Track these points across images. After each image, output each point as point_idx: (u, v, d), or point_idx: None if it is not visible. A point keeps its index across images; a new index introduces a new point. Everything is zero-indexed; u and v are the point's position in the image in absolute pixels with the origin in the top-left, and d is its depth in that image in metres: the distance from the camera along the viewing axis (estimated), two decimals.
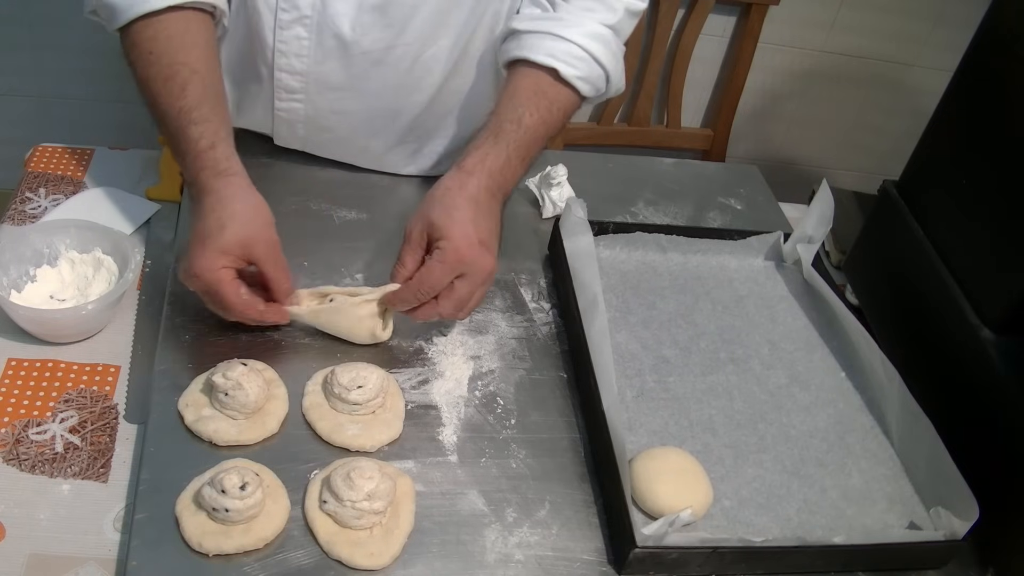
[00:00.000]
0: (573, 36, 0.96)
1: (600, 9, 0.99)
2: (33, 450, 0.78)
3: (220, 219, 0.82)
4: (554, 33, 0.96)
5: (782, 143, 2.38)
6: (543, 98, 0.96)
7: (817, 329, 1.02)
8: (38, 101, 2.04)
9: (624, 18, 1.01)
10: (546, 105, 0.95)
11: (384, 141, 1.11)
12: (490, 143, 0.91)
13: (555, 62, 0.96)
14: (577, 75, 0.97)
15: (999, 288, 0.86)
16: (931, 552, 0.81)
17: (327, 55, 1.00)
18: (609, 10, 0.99)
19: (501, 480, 0.81)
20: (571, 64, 0.96)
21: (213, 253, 0.81)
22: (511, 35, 1.00)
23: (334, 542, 0.72)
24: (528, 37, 0.98)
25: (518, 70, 0.98)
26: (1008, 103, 0.88)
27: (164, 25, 0.88)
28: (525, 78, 0.97)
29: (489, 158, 0.89)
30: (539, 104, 0.95)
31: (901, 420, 0.90)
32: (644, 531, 0.73)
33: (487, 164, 0.89)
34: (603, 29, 0.98)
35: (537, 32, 0.97)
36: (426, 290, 0.84)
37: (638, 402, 0.90)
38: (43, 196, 1.05)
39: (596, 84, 1.00)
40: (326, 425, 0.81)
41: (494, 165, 0.89)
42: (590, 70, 0.98)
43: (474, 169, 0.88)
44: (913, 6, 2.14)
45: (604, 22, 0.99)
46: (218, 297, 0.82)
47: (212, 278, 0.81)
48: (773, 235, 1.10)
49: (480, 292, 0.86)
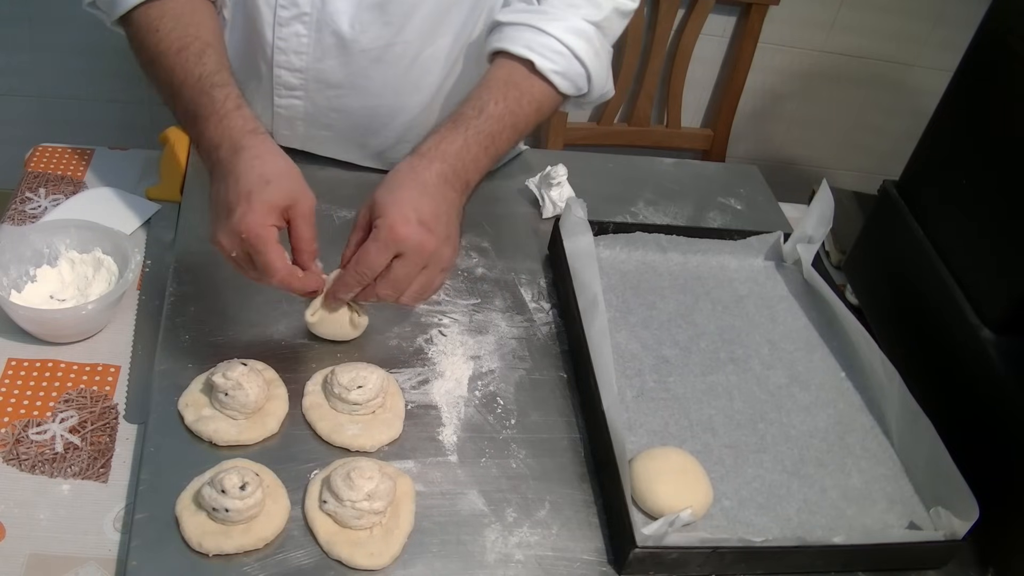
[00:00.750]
0: (553, 30, 0.95)
1: (584, 5, 0.97)
2: (33, 450, 0.78)
3: (264, 175, 0.78)
4: (534, 26, 0.95)
5: (782, 143, 2.38)
6: (513, 88, 0.94)
7: (817, 329, 1.02)
8: (38, 101, 2.04)
9: (611, 16, 0.99)
10: (515, 96, 0.93)
11: (383, 139, 1.11)
12: (448, 128, 0.88)
13: (531, 54, 0.94)
14: (554, 69, 0.95)
15: (999, 288, 0.86)
16: (931, 552, 0.81)
17: (326, 52, 1.00)
18: (594, 6, 0.98)
19: (501, 480, 0.81)
20: (548, 57, 0.95)
21: (262, 208, 0.77)
22: (495, 27, 0.99)
23: (334, 542, 0.72)
24: (509, 29, 0.97)
25: (495, 61, 0.97)
26: (1008, 103, 0.88)
27: (169, 6, 0.88)
28: (499, 69, 0.96)
29: (444, 142, 0.87)
30: (507, 94, 0.93)
31: (901, 420, 0.90)
32: (644, 531, 0.73)
33: (441, 148, 0.86)
34: (586, 26, 0.97)
35: (518, 24, 0.96)
36: (363, 271, 0.80)
37: (638, 402, 0.90)
38: (43, 196, 1.05)
39: (576, 81, 0.98)
40: (326, 425, 0.81)
41: (449, 149, 0.86)
42: (568, 66, 0.96)
43: (427, 152, 0.86)
44: (913, 6, 2.14)
45: (588, 18, 0.97)
46: (264, 258, 0.77)
47: (262, 235, 0.77)
48: (773, 235, 1.10)
49: (427, 277, 0.82)
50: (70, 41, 1.94)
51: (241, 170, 0.79)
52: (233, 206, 0.77)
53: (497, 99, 0.92)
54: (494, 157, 0.92)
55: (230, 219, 0.77)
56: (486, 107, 0.91)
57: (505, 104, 0.92)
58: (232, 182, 0.79)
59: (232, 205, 0.78)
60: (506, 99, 0.92)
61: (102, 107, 2.04)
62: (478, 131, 0.89)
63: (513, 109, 0.93)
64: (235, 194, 0.78)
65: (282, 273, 0.79)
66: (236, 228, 0.77)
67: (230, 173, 0.79)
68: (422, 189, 0.82)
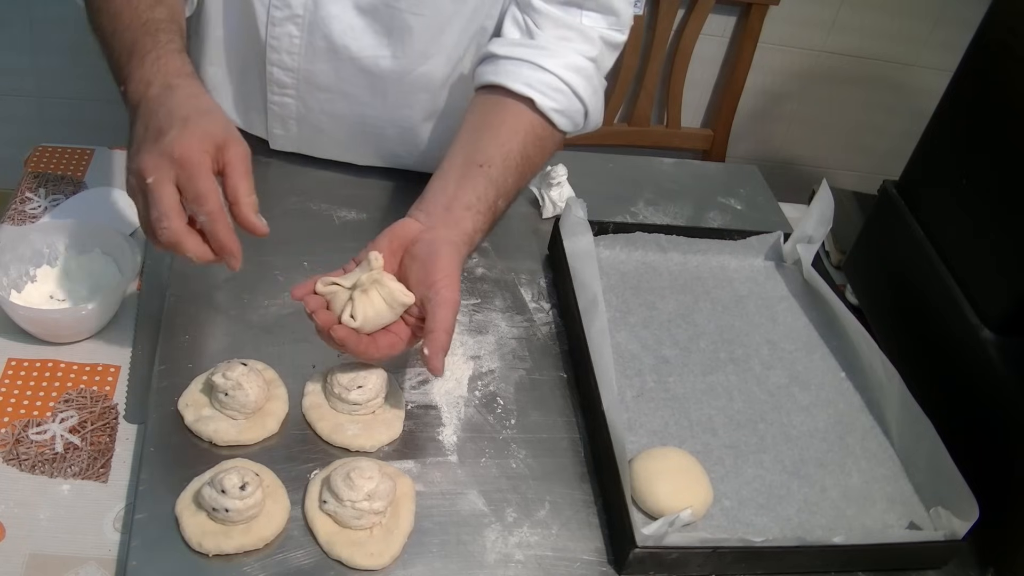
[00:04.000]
0: (552, 67, 0.93)
1: (576, 38, 0.96)
2: (33, 450, 0.78)
3: (200, 107, 0.74)
4: (533, 62, 0.93)
5: (782, 143, 2.38)
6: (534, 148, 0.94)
7: (817, 329, 1.02)
8: (38, 101, 2.04)
9: (604, 51, 0.98)
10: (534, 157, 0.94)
11: (376, 147, 1.10)
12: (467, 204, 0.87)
13: (531, 91, 0.92)
14: (554, 107, 0.93)
15: (999, 288, 0.86)
16: (931, 552, 0.81)
17: (317, 55, 1.00)
18: (586, 40, 0.96)
19: (501, 480, 0.81)
20: (548, 96, 0.93)
21: (199, 132, 0.72)
22: (488, 58, 0.96)
23: (334, 542, 0.72)
24: (506, 63, 0.94)
25: (497, 99, 0.94)
26: (1008, 103, 0.88)
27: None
28: (512, 115, 0.94)
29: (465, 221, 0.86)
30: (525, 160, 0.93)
31: (901, 420, 0.90)
32: (644, 531, 0.73)
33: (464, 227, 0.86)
34: (585, 62, 0.95)
35: (515, 59, 0.94)
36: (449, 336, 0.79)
37: (638, 402, 0.90)
38: (43, 196, 1.05)
39: (574, 119, 0.96)
40: (326, 425, 0.81)
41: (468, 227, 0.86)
42: (568, 103, 0.95)
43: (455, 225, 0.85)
44: (913, 6, 2.14)
45: (585, 54, 0.96)
46: (197, 184, 0.71)
47: (195, 160, 0.71)
48: (773, 235, 1.10)
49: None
50: (70, 41, 1.94)
51: (176, 102, 0.74)
52: (165, 129, 0.72)
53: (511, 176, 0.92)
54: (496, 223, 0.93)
55: (160, 141, 0.71)
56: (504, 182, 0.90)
57: (518, 176, 0.93)
58: (164, 112, 0.74)
59: (164, 128, 0.72)
60: (522, 168, 0.93)
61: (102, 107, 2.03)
62: (494, 210, 0.90)
63: (527, 172, 0.94)
64: (168, 121, 0.73)
65: (216, 204, 0.72)
66: (168, 149, 0.71)
67: (162, 105, 0.75)
68: (459, 262, 0.83)
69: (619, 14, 0.98)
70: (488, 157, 0.90)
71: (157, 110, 0.74)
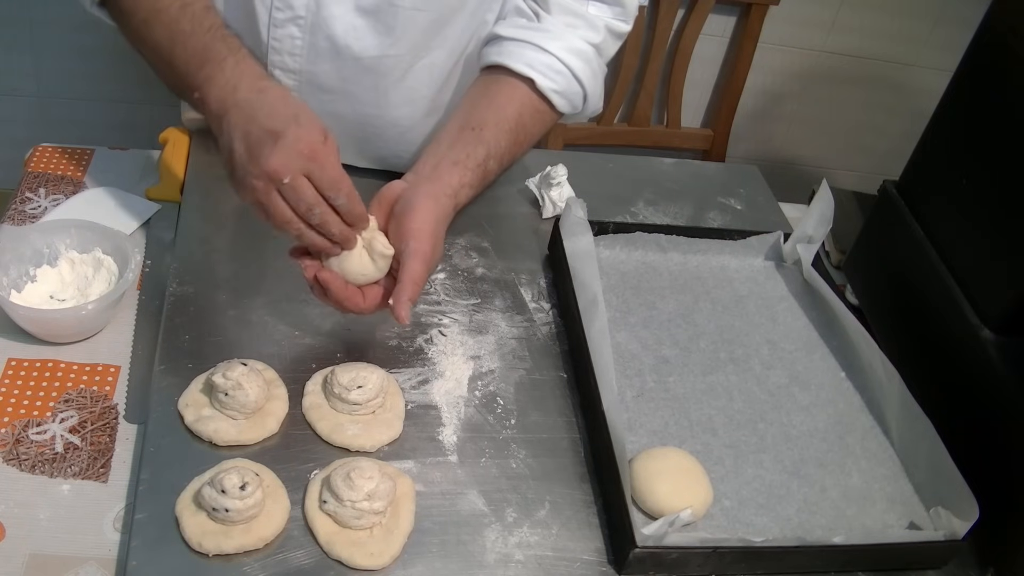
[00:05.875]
0: (554, 49, 0.96)
1: (581, 26, 0.98)
2: (33, 450, 0.78)
3: (298, 104, 0.77)
4: (535, 44, 0.96)
5: (782, 143, 2.38)
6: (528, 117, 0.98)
7: (817, 329, 1.03)
8: (38, 101, 2.04)
9: (607, 38, 1.01)
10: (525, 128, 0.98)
11: (377, 148, 1.10)
12: (453, 160, 0.92)
13: (532, 72, 0.95)
14: (553, 88, 0.96)
15: (999, 288, 0.86)
16: (931, 552, 0.81)
17: (319, 56, 1.00)
18: (591, 28, 0.99)
19: (501, 480, 0.81)
20: (548, 76, 0.96)
21: (314, 125, 0.75)
22: (492, 39, 0.99)
23: (334, 542, 0.72)
24: (509, 44, 0.97)
25: (495, 76, 0.98)
26: (1008, 103, 0.88)
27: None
28: (508, 88, 0.97)
29: (452, 175, 0.91)
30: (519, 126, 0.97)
31: (901, 420, 0.90)
32: (644, 531, 0.73)
33: (450, 181, 0.91)
34: (586, 47, 0.98)
35: (518, 40, 0.97)
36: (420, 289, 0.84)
37: (638, 402, 0.90)
38: (43, 196, 1.05)
39: (572, 100, 0.99)
40: (326, 425, 0.81)
41: (453, 181, 0.91)
42: (567, 85, 0.98)
43: (438, 179, 0.90)
44: (913, 6, 2.14)
45: (588, 40, 0.98)
46: (330, 172, 0.75)
47: (323, 151, 0.74)
48: (773, 235, 1.10)
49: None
50: (70, 41, 1.94)
51: (272, 103, 0.77)
52: (280, 129, 0.74)
53: (503, 138, 0.96)
54: (487, 184, 0.98)
55: (280, 141, 0.74)
56: (496, 143, 0.95)
57: (512, 141, 0.96)
58: (265, 115, 0.76)
59: (278, 129, 0.74)
60: (516, 133, 0.96)
61: (102, 107, 2.03)
62: (484, 168, 0.94)
63: (522, 139, 0.98)
64: (276, 121, 0.75)
65: (351, 184, 0.76)
66: (295, 147, 0.73)
67: (259, 109, 0.77)
68: (437, 214, 0.86)
69: (625, 4, 1.01)
70: (481, 120, 0.94)
71: (255, 115, 0.76)
